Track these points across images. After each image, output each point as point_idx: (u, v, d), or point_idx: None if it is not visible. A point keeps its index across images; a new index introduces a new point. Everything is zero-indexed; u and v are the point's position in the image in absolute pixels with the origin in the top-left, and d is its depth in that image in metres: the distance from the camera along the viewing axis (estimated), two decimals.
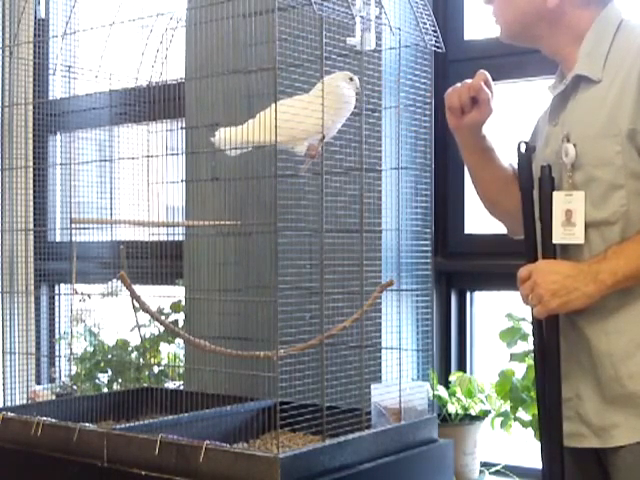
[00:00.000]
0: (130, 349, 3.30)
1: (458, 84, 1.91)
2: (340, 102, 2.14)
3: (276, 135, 1.96)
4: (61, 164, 3.85)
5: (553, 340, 1.76)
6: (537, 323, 1.79)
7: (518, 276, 1.76)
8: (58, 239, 3.90)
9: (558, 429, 1.76)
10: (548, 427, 1.78)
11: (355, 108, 2.21)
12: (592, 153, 1.71)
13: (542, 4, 1.78)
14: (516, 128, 2.38)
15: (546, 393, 1.79)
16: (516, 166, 1.94)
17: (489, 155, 1.96)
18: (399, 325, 2.43)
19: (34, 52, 3.44)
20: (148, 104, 2.57)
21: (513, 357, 2.60)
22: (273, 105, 1.99)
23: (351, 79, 2.17)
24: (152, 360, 3.21)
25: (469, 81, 1.89)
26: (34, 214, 3.79)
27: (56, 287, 3.92)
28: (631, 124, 1.67)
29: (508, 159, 1.98)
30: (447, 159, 2.82)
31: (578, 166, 1.73)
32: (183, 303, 3.08)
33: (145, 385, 2.86)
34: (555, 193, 1.75)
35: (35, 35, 3.73)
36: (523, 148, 1.82)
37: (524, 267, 1.76)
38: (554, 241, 1.75)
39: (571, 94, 1.80)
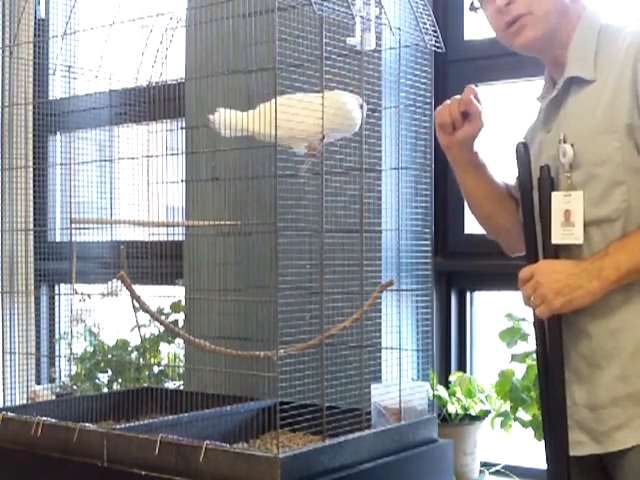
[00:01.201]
0: (130, 349, 3.30)
1: (447, 101, 1.91)
2: (343, 117, 2.14)
3: (276, 130, 1.96)
4: (61, 164, 3.85)
5: (556, 341, 1.75)
6: (539, 325, 1.79)
7: (520, 277, 1.75)
8: (58, 239, 3.90)
9: (563, 432, 1.74)
10: (552, 431, 1.77)
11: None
12: (590, 151, 1.71)
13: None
14: (516, 128, 2.38)
15: (550, 397, 1.78)
16: (509, 183, 1.95)
17: (482, 172, 1.96)
18: (399, 325, 2.43)
19: (34, 52, 3.44)
20: (148, 104, 2.57)
21: (513, 357, 2.60)
22: (275, 100, 1.99)
23: (361, 106, 2.17)
24: (152, 360, 3.21)
25: (458, 97, 1.89)
26: (34, 214, 3.80)
27: (56, 287, 3.92)
28: (629, 119, 1.67)
29: (501, 176, 1.98)
30: (447, 159, 2.82)
31: (576, 166, 1.73)
32: (183, 303, 3.08)
33: (145, 385, 2.86)
34: (554, 193, 1.75)
35: (35, 35, 3.73)
36: (522, 149, 1.82)
37: (525, 268, 1.75)
38: (553, 241, 1.75)
39: (563, 99, 1.80)
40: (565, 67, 1.79)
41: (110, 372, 3.32)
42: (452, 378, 2.79)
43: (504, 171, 1.99)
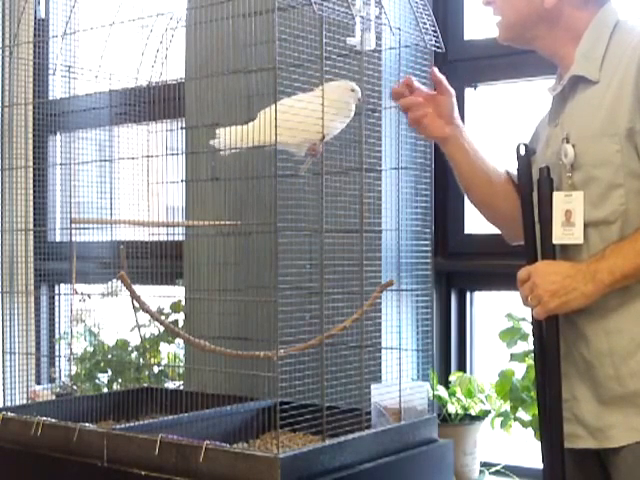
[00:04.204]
0: (130, 349, 3.30)
1: (396, 88, 2.00)
2: (340, 108, 2.14)
3: (276, 135, 1.96)
4: (61, 164, 3.84)
5: (553, 341, 1.76)
6: (537, 324, 1.80)
7: (517, 277, 1.76)
8: (58, 239, 3.90)
9: (559, 430, 1.76)
10: (549, 428, 1.78)
11: (355, 108, 2.21)
12: (591, 153, 1.72)
13: (540, 4, 1.78)
14: (516, 128, 2.38)
15: (546, 394, 1.79)
16: (513, 171, 1.94)
17: (474, 156, 1.96)
18: (399, 325, 2.43)
19: (34, 52, 3.44)
20: (148, 104, 2.57)
21: (513, 357, 2.60)
22: (273, 105, 1.99)
23: (352, 90, 2.17)
24: (152, 360, 3.21)
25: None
26: (34, 214, 3.79)
27: (56, 287, 3.92)
28: (629, 123, 1.67)
29: (502, 164, 1.98)
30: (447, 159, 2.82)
31: (577, 166, 1.73)
32: (183, 303, 3.08)
33: (145, 385, 2.86)
34: (555, 193, 1.75)
35: (35, 35, 3.73)
36: (522, 150, 1.83)
37: (523, 268, 1.76)
38: (554, 241, 1.75)
39: (569, 95, 1.80)
40: (572, 64, 1.79)
41: (110, 372, 3.31)
42: (452, 378, 2.79)
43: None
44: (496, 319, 2.72)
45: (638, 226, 1.67)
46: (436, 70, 2.00)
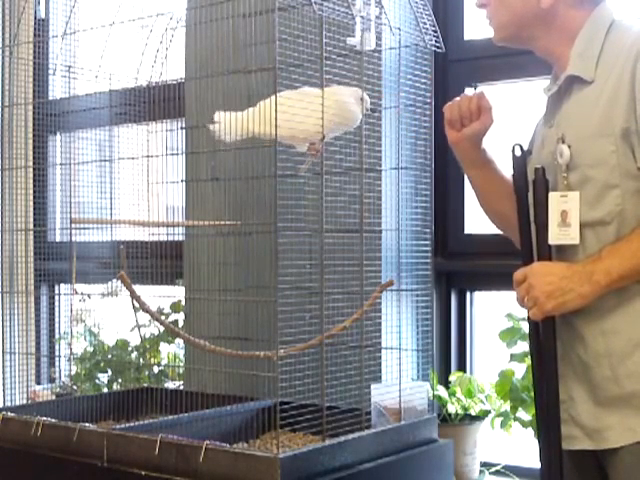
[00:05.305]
0: (130, 349, 3.31)
1: (457, 98, 1.92)
2: (342, 116, 2.14)
3: (276, 133, 1.96)
4: (61, 164, 3.85)
5: (550, 342, 1.76)
6: (533, 325, 1.79)
7: (514, 279, 1.76)
8: (58, 239, 3.90)
9: (556, 431, 1.75)
10: (546, 429, 1.78)
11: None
12: (587, 153, 1.71)
13: (536, 4, 1.78)
14: (515, 128, 2.38)
15: (543, 395, 1.79)
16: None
17: (490, 168, 1.97)
18: (399, 325, 2.43)
19: (34, 52, 3.44)
20: (148, 104, 2.57)
21: (513, 357, 2.60)
22: (273, 97, 1.99)
23: (362, 99, 2.17)
24: (152, 360, 3.21)
25: (467, 94, 1.92)
26: (34, 214, 3.80)
27: (56, 287, 3.92)
28: (625, 123, 1.67)
29: (509, 171, 1.99)
30: (447, 159, 2.82)
31: (573, 167, 1.73)
32: (183, 303, 3.08)
33: (145, 385, 2.86)
34: (550, 194, 1.75)
35: (35, 35, 3.73)
36: (518, 151, 1.82)
37: (519, 270, 1.76)
38: (550, 242, 1.75)
39: (565, 95, 1.80)
40: (568, 64, 1.79)
41: (110, 372, 3.32)
42: (452, 378, 2.79)
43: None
44: (496, 319, 2.72)
45: (634, 226, 1.67)
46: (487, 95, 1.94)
